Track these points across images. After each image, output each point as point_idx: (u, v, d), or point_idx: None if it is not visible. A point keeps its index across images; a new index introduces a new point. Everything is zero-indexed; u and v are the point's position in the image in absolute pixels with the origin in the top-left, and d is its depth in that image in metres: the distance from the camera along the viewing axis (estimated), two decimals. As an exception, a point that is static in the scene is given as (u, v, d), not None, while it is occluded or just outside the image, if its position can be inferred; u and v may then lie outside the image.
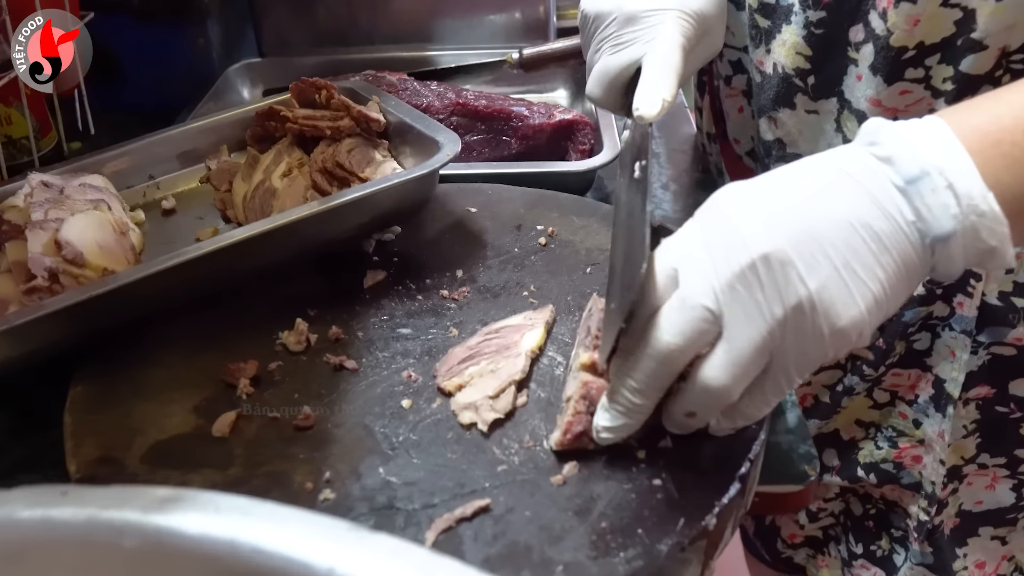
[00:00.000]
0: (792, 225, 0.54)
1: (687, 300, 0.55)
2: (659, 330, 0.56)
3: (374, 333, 0.77)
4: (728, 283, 0.54)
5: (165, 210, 0.96)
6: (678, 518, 0.59)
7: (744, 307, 0.54)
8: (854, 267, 0.54)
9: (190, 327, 0.77)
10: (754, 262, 0.53)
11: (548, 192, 0.95)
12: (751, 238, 0.54)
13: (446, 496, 0.61)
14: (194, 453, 0.66)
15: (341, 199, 0.79)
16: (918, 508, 0.94)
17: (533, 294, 0.81)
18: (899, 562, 0.98)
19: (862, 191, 0.55)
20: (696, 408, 0.59)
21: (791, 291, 0.53)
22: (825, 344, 0.54)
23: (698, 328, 0.55)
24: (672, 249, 0.58)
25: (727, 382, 0.55)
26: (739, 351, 0.54)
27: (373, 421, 0.68)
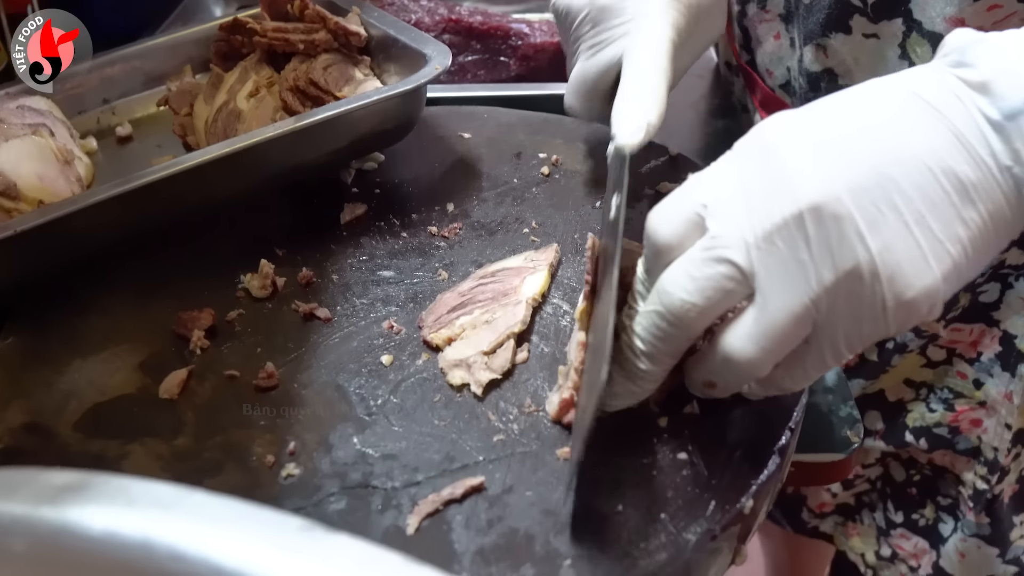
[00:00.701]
0: (853, 167, 0.43)
1: (712, 251, 0.45)
2: (673, 284, 0.46)
3: (351, 276, 0.67)
4: (766, 236, 0.43)
5: (120, 137, 0.85)
6: (708, 500, 0.50)
7: (784, 267, 0.43)
8: (929, 223, 0.43)
9: (137, 269, 0.67)
10: (801, 213, 0.43)
11: (551, 116, 0.84)
12: (800, 183, 0.43)
13: (432, 472, 0.52)
14: (137, 419, 0.56)
15: (313, 118, 0.68)
16: (975, 476, 0.85)
17: (535, 231, 0.71)
18: (946, 532, 0.90)
19: (944, 126, 0.44)
20: (717, 378, 0.49)
21: (846, 252, 0.42)
22: (887, 318, 0.44)
23: (721, 287, 0.45)
24: (700, 186, 0.47)
25: (754, 356, 0.45)
26: (772, 321, 0.44)
27: (347, 380, 0.58)
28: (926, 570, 0.93)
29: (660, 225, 0.47)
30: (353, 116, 0.69)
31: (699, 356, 0.50)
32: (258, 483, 0.52)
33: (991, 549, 0.88)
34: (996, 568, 0.89)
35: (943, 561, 0.91)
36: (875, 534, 0.96)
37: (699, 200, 0.46)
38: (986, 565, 0.89)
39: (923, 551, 0.93)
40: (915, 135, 0.44)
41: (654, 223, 0.48)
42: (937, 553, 0.91)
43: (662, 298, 0.46)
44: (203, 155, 0.65)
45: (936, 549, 0.91)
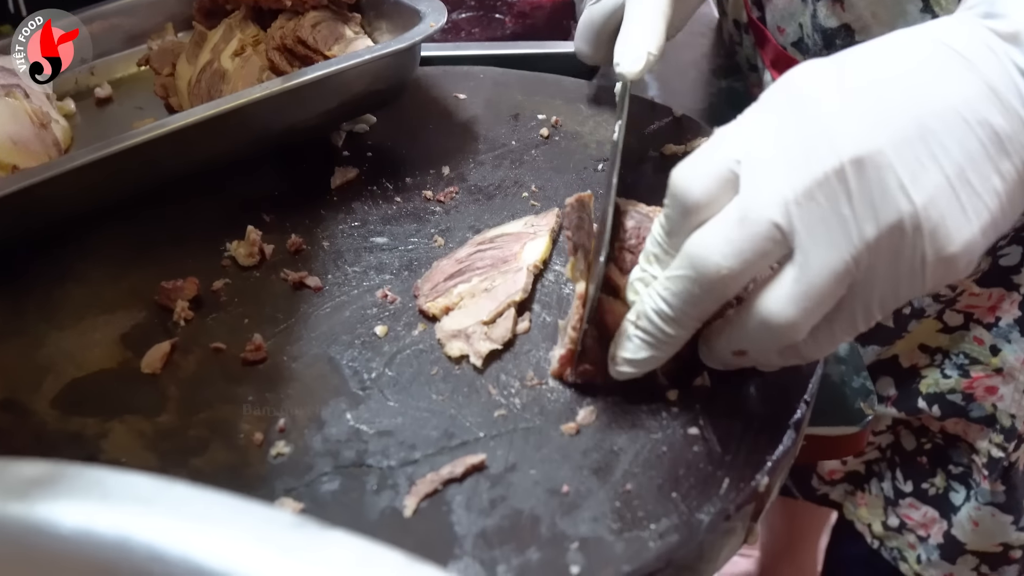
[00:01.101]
0: (893, 118, 0.41)
1: (750, 212, 0.42)
2: (707, 247, 0.43)
3: (342, 243, 0.63)
4: (806, 192, 0.41)
5: (99, 99, 0.82)
6: (722, 479, 0.47)
7: (825, 224, 0.41)
8: (968, 176, 0.41)
9: (117, 235, 0.64)
10: (843, 166, 0.40)
11: (549, 76, 0.81)
12: (841, 134, 0.41)
13: (430, 450, 0.49)
14: (118, 395, 0.53)
15: (301, 79, 0.65)
16: (989, 444, 0.83)
17: (534, 195, 0.67)
18: (958, 501, 0.88)
19: (977, 76, 0.42)
20: (750, 346, 0.46)
21: (889, 205, 0.40)
22: (925, 275, 0.42)
23: (761, 249, 0.42)
24: (730, 141, 0.44)
25: (795, 318, 0.43)
26: (814, 280, 0.42)
27: (340, 353, 0.55)
28: (936, 539, 0.91)
29: (691, 183, 0.44)
30: (343, 76, 0.66)
31: (727, 323, 0.47)
32: (246, 462, 0.49)
33: (1006, 517, 0.86)
34: (1010, 535, 0.87)
35: (955, 530, 0.89)
36: (882, 504, 0.94)
37: (731, 156, 0.43)
38: (1000, 532, 0.87)
39: (932, 520, 0.91)
40: (949, 86, 0.42)
41: (684, 181, 0.44)
42: (948, 522, 0.89)
43: (694, 262, 0.43)
44: (186, 118, 0.62)
45: (947, 518, 0.90)
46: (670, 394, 0.51)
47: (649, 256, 0.48)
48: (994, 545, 0.88)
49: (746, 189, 0.43)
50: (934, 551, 0.91)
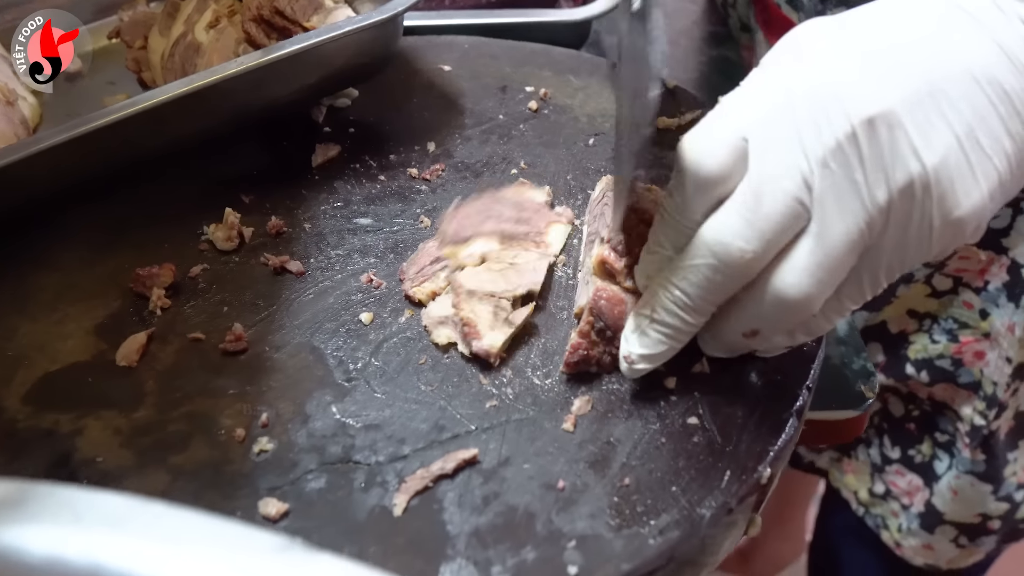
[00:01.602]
0: (902, 78, 0.40)
1: (770, 189, 0.40)
2: (728, 233, 0.41)
3: (325, 225, 0.61)
4: (821, 160, 0.40)
5: (69, 74, 0.78)
6: (723, 471, 0.46)
7: (839, 192, 0.40)
8: (978, 137, 0.40)
9: (90, 218, 0.61)
10: (854, 130, 0.39)
11: (538, 46, 0.78)
12: (851, 96, 0.40)
13: (420, 444, 0.47)
14: (93, 389, 0.51)
15: (280, 52, 0.62)
16: (973, 411, 0.82)
17: (524, 172, 0.65)
18: (941, 470, 0.87)
19: (986, 35, 0.41)
20: (763, 324, 0.45)
21: (900, 167, 0.39)
22: (932, 239, 0.41)
23: (783, 226, 0.41)
24: (737, 111, 0.42)
25: (812, 290, 0.41)
26: (830, 250, 0.40)
27: (324, 342, 0.53)
28: (918, 508, 0.90)
29: (705, 157, 0.42)
30: (324, 49, 0.62)
31: (736, 304, 0.45)
32: (228, 459, 0.47)
33: (984, 486, 0.85)
34: (988, 505, 0.87)
35: (935, 499, 0.88)
36: (869, 471, 0.93)
37: (740, 125, 0.42)
38: (978, 502, 0.87)
39: (916, 488, 0.90)
40: (959, 45, 0.41)
41: (697, 155, 0.42)
42: (930, 491, 0.89)
43: (715, 249, 0.42)
44: (159, 95, 0.59)
45: (930, 487, 0.89)
46: (668, 382, 0.49)
47: (660, 238, 0.46)
48: (973, 515, 0.88)
49: (759, 163, 0.41)
50: (914, 520, 0.90)
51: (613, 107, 0.70)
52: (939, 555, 0.91)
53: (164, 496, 0.45)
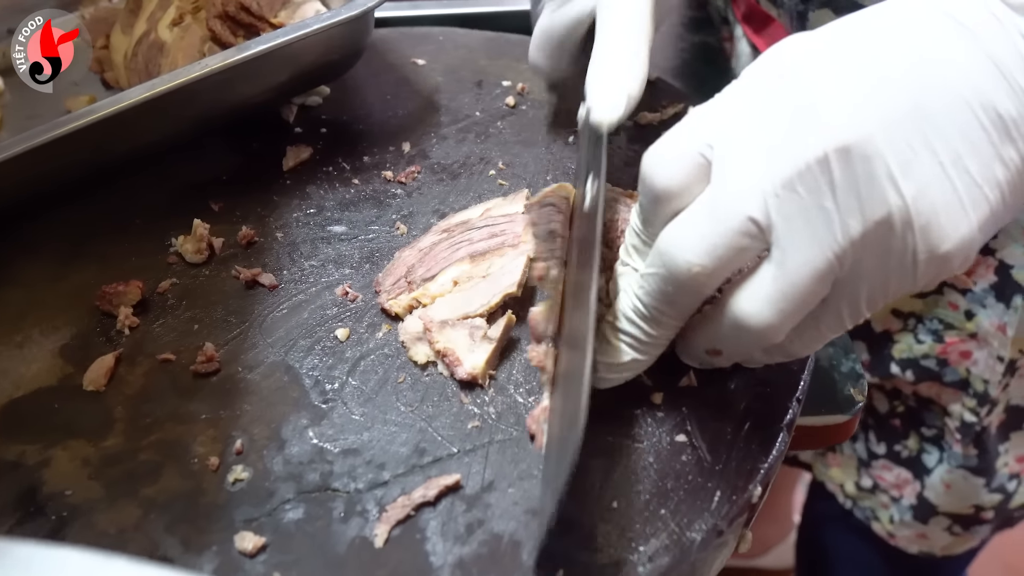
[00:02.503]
0: (886, 101, 0.37)
1: (724, 205, 0.38)
2: (678, 245, 0.40)
3: (297, 233, 0.59)
4: (786, 182, 0.37)
5: (30, 72, 0.76)
6: (713, 491, 0.44)
7: (806, 218, 0.37)
8: (967, 164, 0.37)
9: (53, 229, 0.59)
10: (826, 155, 0.37)
11: (513, 37, 0.76)
12: (828, 118, 0.37)
13: (400, 469, 0.46)
14: (59, 416, 0.49)
15: (248, 52, 0.59)
16: (963, 408, 0.81)
17: (502, 173, 0.63)
18: (931, 463, 0.86)
19: (982, 53, 0.38)
20: (724, 346, 0.44)
21: (876, 198, 0.37)
22: (916, 273, 0.38)
23: (736, 245, 0.39)
24: (705, 122, 0.41)
25: (771, 320, 0.39)
26: (792, 280, 0.38)
27: (299, 360, 0.51)
28: (909, 500, 0.90)
29: (659, 168, 0.40)
30: (295, 47, 0.60)
31: (702, 320, 0.44)
32: (202, 490, 0.45)
33: (977, 479, 0.85)
34: (982, 497, 0.86)
35: (928, 492, 0.88)
36: (855, 465, 0.93)
37: (704, 139, 0.40)
38: (972, 495, 0.86)
39: (906, 481, 0.89)
40: (951, 64, 0.38)
41: (651, 166, 0.41)
42: (921, 484, 0.88)
43: (664, 260, 0.40)
44: (124, 100, 0.57)
45: (920, 480, 0.88)
46: (655, 397, 0.48)
47: (628, 248, 0.45)
48: (967, 507, 0.87)
49: (719, 178, 0.39)
50: (907, 512, 0.90)
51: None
52: (933, 543, 0.91)
53: (136, 531, 0.43)
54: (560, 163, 0.63)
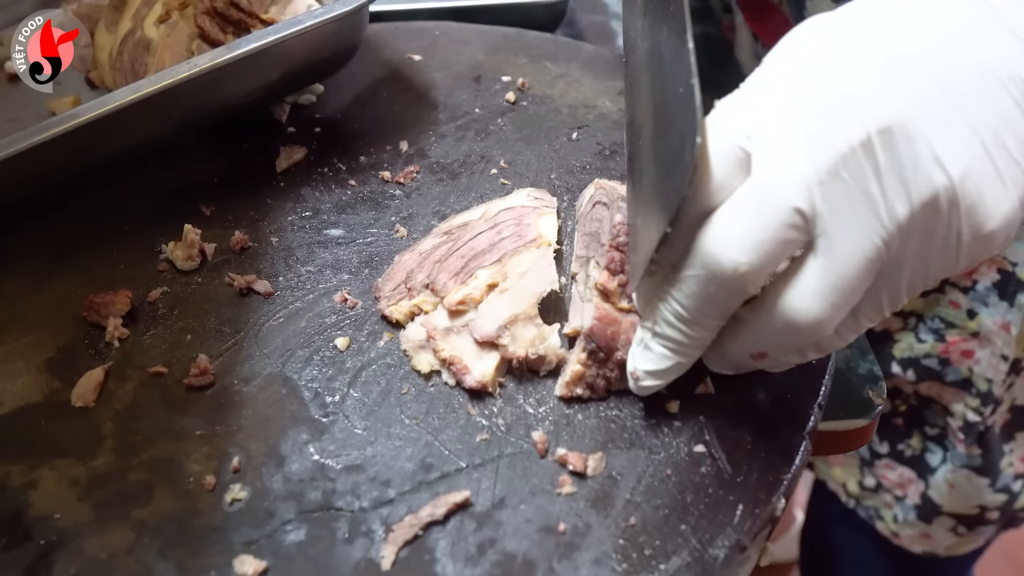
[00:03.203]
0: (919, 80, 0.36)
1: (767, 197, 0.37)
2: (721, 242, 0.38)
3: (293, 238, 0.57)
4: (830, 170, 0.36)
5: (11, 75, 0.73)
6: (734, 504, 0.42)
7: (851, 205, 0.36)
8: (1004, 141, 0.36)
9: (37, 238, 0.56)
10: (869, 137, 0.35)
11: (511, 30, 0.74)
12: (863, 100, 0.36)
13: (406, 486, 0.43)
14: (46, 434, 0.47)
15: (238, 50, 0.57)
16: (965, 407, 0.79)
17: (504, 172, 0.61)
18: (935, 462, 0.84)
19: (1004, 27, 0.37)
20: (772, 347, 0.41)
21: (922, 180, 0.35)
22: (959, 254, 0.37)
23: (782, 238, 0.37)
24: (737, 112, 0.39)
25: (824, 315, 0.38)
26: (842, 271, 0.37)
27: (297, 372, 0.49)
28: (913, 500, 0.88)
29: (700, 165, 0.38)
30: (287, 45, 0.58)
31: (742, 324, 0.42)
32: (197, 511, 0.43)
33: (981, 479, 0.83)
34: (986, 497, 0.85)
35: (932, 491, 0.86)
36: (858, 464, 0.91)
37: (740, 130, 0.38)
38: (976, 495, 0.84)
39: (909, 481, 0.88)
40: (976, 41, 0.37)
41: None
42: (925, 483, 0.87)
43: (707, 261, 0.38)
44: (109, 103, 0.54)
45: (924, 479, 0.86)
46: (670, 405, 0.46)
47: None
48: (971, 507, 0.86)
49: (760, 170, 0.37)
50: (911, 511, 0.88)
51: (595, 97, 0.66)
52: (937, 543, 0.89)
53: (128, 556, 0.41)
54: (564, 160, 0.61)
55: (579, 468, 0.43)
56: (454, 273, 0.50)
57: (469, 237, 0.52)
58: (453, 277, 0.50)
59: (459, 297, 0.49)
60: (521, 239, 0.51)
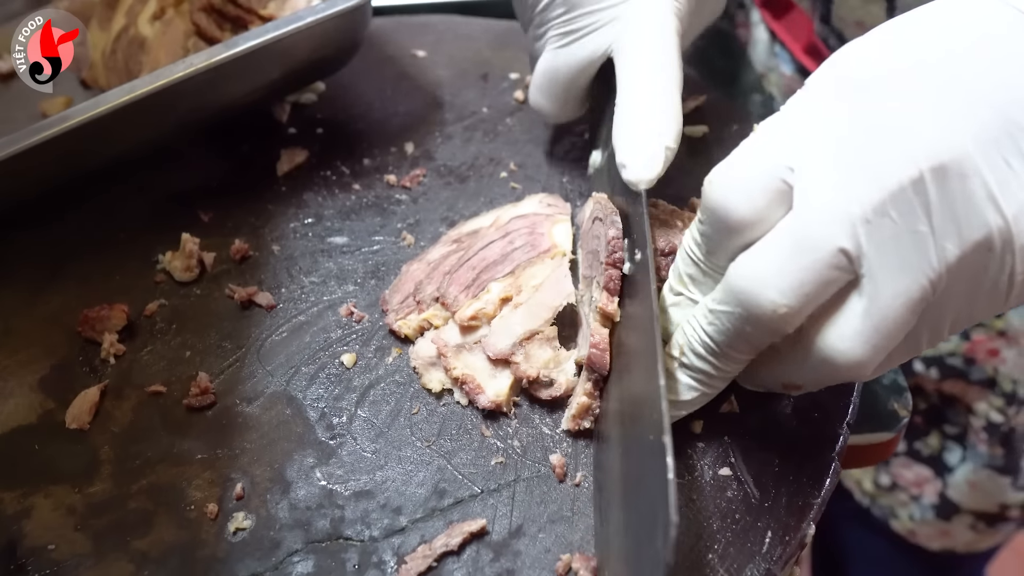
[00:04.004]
0: (975, 113, 0.34)
1: (810, 237, 0.34)
2: (760, 282, 0.36)
3: (295, 246, 0.55)
4: (877, 207, 0.34)
5: (2, 74, 0.71)
6: (763, 531, 0.40)
7: (898, 245, 0.34)
8: None
9: (28, 248, 0.54)
10: (921, 175, 0.33)
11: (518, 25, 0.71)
12: (914, 135, 0.34)
13: (418, 513, 0.41)
14: (40, 458, 0.45)
15: (237, 49, 0.55)
16: (989, 407, 0.77)
17: (514, 175, 0.59)
18: (953, 461, 0.83)
19: None
20: (807, 381, 0.39)
21: (975, 219, 0.33)
22: (1009, 296, 0.36)
23: (824, 279, 0.35)
24: (778, 142, 0.37)
25: (864, 358, 0.36)
26: (886, 313, 0.35)
27: (302, 390, 0.47)
28: (930, 499, 0.86)
29: (734, 195, 0.36)
30: (287, 42, 0.55)
31: (777, 356, 0.39)
32: (200, 541, 0.41)
33: (1003, 479, 0.82)
34: (1007, 496, 0.83)
35: (951, 491, 0.85)
36: None
37: (782, 161, 0.36)
38: (998, 493, 0.83)
39: (926, 480, 0.86)
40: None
41: (724, 192, 0.37)
42: (943, 482, 0.85)
43: (742, 298, 0.36)
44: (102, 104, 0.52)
45: (942, 478, 0.85)
46: (694, 425, 0.44)
47: (683, 276, 0.41)
48: (992, 505, 0.84)
49: (803, 206, 0.35)
50: (928, 511, 0.87)
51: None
52: (956, 540, 0.88)
53: (127, 591, 0.39)
54: (577, 163, 0.59)
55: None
56: (465, 286, 0.48)
57: (480, 247, 0.50)
58: (464, 290, 0.48)
59: (471, 312, 0.46)
60: (535, 249, 0.49)
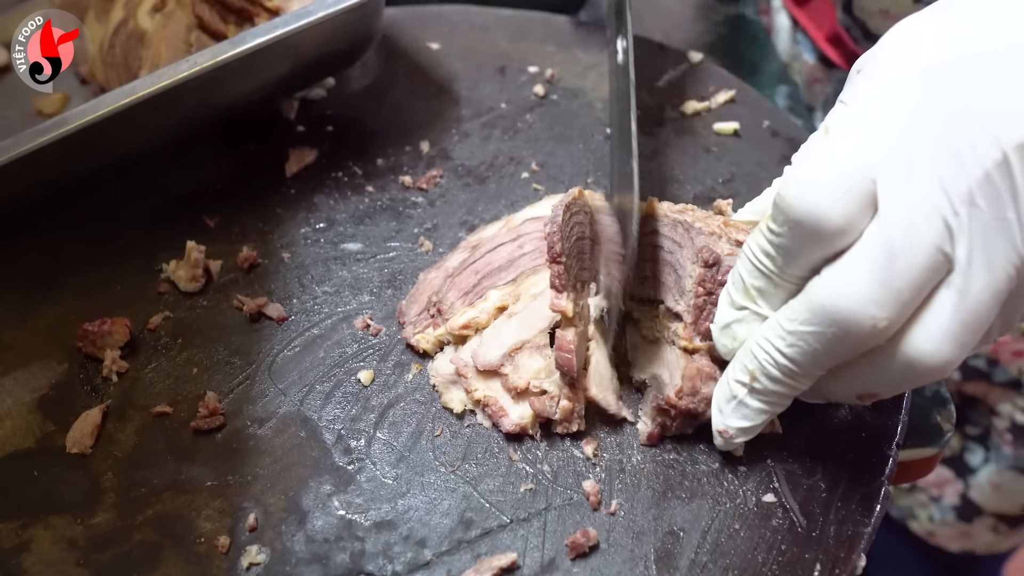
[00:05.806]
0: None
1: (906, 239, 0.32)
2: (853, 296, 0.33)
3: (306, 253, 0.52)
4: (967, 198, 0.32)
5: (-5, 69, 0.68)
6: (811, 564, 0.38)
7: (986, 235, 0.32)
8: None
9: (25, 256, 0.52)
10: (1005, 156, 0.31)
11: (534, 15, 0.68)
12: (995, 115, 0.32)
13: (444, 546, 0.39)
14: (40, 486, 0.42)
15: (243, 46, 0.52)
16: (1014, 407, 0.76)
17: (536, 176, 0.56)
18: (975, 462, 0.81)
19: None
20: (885, 388, 0.37)
21: None
22: None
23: (921, 284, 0.33)
24: (854, 144, 0.34)
25: (952, 356, 0.34)
26: (975, 306, 0.33)
27: (317, 410, 0.44)
28: (952, 500, 0.85)
29: (829, 204, 0.34)
30: (297, 37, 0.52)
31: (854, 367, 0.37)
32: (211, 578, 0.38)
33: None
34: None
35: (973, 492, 0.83)
36: None
37: (867, 161, 0.33)
38: (1021, 495, 0.81)
39: (947, 481, 0.84)
40: None
41: (815, 202, 0.34)
42: (964, 484, 0.83)
43: (837, 318, 0.34)
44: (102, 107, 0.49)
45: (964, 479, 0.83)
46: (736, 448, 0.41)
47: (748, 288, 0.38)
48: (1015, 507, 0.83)
49: (890, 208, 0.33)
50: (949, 512, 0.85)
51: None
52: (976, 541, 0.87)
53: (134, 632, 0.37)
54: (601, 162, 0.56)
55: None
56: (464, 292, 0.46)
57: (487, 249, 0.47)
58: (462, 296, 0.46)
59: (463, 321, 0.44)
60: (543, 255, 0.46)
